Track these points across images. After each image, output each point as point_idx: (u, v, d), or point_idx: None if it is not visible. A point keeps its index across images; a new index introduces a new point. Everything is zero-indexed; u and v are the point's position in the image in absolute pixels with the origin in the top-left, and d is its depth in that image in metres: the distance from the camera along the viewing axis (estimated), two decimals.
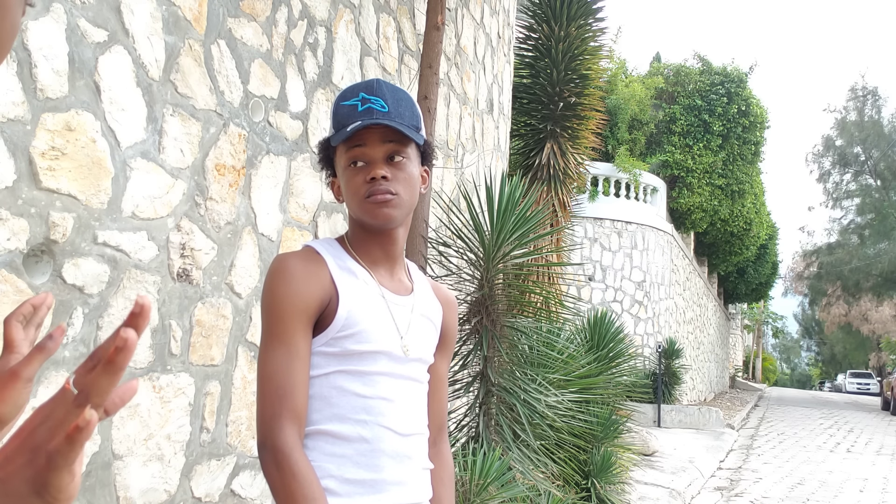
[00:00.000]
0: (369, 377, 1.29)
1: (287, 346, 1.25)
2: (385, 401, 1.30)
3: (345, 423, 1.28)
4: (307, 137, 3.50)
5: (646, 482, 7.01)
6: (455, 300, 1.57)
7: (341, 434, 1.27)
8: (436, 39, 4.02)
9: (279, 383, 1.24)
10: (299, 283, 1.27)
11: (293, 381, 1.24)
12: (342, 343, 1.29)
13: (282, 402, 1.23)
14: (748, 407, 20.53)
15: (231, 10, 2.91)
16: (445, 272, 4.63)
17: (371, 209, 1.32)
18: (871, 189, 28.50)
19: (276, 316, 1.27)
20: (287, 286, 1.27)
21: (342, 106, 1.34)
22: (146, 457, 2.51)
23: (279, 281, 1.28)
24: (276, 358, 1.25)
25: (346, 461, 1.27)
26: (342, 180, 1.36)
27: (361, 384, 1.29)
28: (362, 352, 1.29)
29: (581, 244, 14.14)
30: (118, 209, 2.37)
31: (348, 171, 1.34)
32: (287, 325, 1.26)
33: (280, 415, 1.22)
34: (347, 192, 1.35)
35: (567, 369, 4.94)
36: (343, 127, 1.32)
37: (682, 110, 18.49)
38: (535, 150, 8.87)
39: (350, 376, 1.29)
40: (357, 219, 1.37)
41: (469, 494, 3.39)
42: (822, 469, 9.61)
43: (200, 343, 2.78)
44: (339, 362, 1.29)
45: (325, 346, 1.29)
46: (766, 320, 50.35)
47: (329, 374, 1.29)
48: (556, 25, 8.66)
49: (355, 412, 1.28)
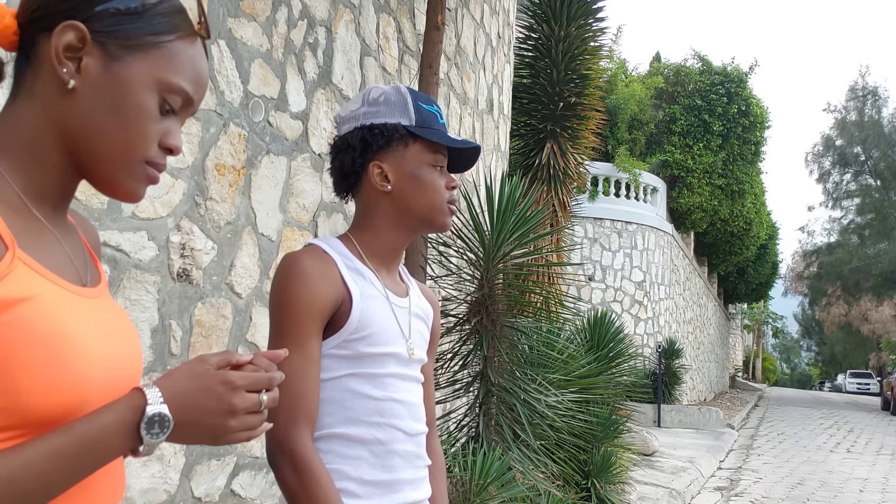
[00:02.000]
0: (380, 379, 1.30)
1: (301, 348, 1.24)
2: (396, 402, 1.31)
3: (359, 425, 1.28)
4: (307, 137, 3.50)
5: (646, 482, 7.01)
6: (437, 300, 1.58)
7: (356, 436, 1.28)
8: (436, 39, 4.02)
9: (294, 387, 1.23)
10: (315, 284, 1.26)
11: (308, 385, 1.24)
12: (354, 345, 1.28)
13: (298, 407, 1.22)
14: (748, 407, 20.53)
15: (231, 10, 2.92)
16: (445, 272, 4.63)
17: (445, 215, 1.36)
18: (871, 189, 28.51)
19: (290, 317, 1.25)
20: (304, 287, 1.25)
21: (423, 107, 1.35)
22: (146, 457, 2.51)
23: (294, 281, 1.26)
24: (290, 360, 1.22)
25: (362, 463, 1.28)
26: (417, 175, 1.34)
27: (373, 387, 1.29)
28: (374, 354, 1.29)
29: (581, 244, 14.14)
30: (118, 209, 2.37)
31: (432, 171, 1.34)
32: (302, 328, 1.24)
33: (296, 418, 1.22)
34: (423, 188, 1.34)
35: (567, 369, 4.94)
36: (431, 125, 1.34)
37: (682, 110, 18.50)
38: (535, 150, 8.86)
39: (362, 379, 1.29)
40: (413, 216, 1.35)
41: (469, 494, 3.39)
42: (822, 469, 9.61)
43: (200, 343, 2.78)
44: (351, 365, 1.29)
45: (336, 348, 1.28)
46: (766, 320, 50.35)
47: (341, 377, 1.28)
48: (556, 25, 8.65)
49: (368, 415, 1.28)
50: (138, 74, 0.81)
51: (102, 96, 0.80)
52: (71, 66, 0.79)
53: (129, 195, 0.84)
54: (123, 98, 0.81)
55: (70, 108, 0.80)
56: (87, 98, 0.80)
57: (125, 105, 0.81)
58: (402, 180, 1.33)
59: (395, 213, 1.35)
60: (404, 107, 1.34)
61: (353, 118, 1.36)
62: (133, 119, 0.81)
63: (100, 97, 0.80)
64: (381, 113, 1.34)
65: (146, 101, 0.82)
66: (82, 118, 0.80)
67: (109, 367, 0.80)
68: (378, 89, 1.37)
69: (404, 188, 1.33)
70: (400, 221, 1.36)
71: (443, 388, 4.37)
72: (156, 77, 0.82)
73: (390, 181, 1.34)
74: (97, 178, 0.83)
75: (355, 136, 1.34)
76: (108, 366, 0.79)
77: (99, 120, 0.80)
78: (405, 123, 1.33)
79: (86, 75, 0.79)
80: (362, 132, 1.33)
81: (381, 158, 1.34)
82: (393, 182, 1.34)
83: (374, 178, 1.34)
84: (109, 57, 0.80)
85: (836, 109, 29.86)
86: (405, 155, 1.33)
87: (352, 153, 1.34)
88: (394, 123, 1.33)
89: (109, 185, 0.83)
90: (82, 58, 0.79)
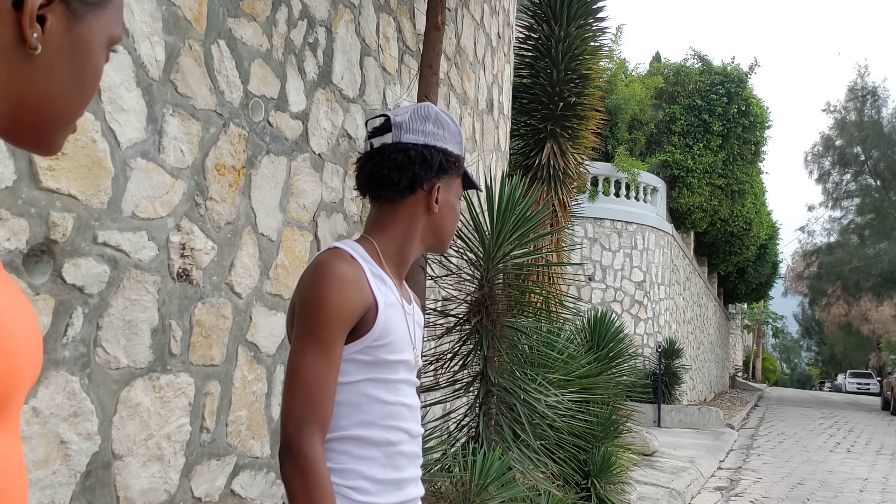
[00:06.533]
0: (393, 385, 1.37)
1: (327, 352, 1.30)
2: (405, 407, 1.39)
3: (372, 428, 1.35)
4: (307, 137, 3.50)
5: (646, 482, 7.01)
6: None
7: (369, 438, 1.34)
8: (436, 39, 4.02)
9: (313, 390, 1.28)
10: (349, 290, 1.31)
11: (327, 389, 1.30)
12: (376, 352, 1.35)
13: (314, 410, 1.28)
14: (748, 407, 20.53)
15: (231, 10, 2.91)
16: (445, 272, 4.63)
17: (450, 239, 1.53)
18: (871, 189, 28.48)
19: (322, 321, 1.30)
20: (338, 293, 1.30)
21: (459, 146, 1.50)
22: (146, 457, 2.51)
23: (330, 286, 1.31)
24: (314, 362, 1.29)
25: (374, 463, 1.35)
26: (454, 206, 1.49)
27: (386, 391, 1.36)
28: (390, 361, 1.36)
29: (581, 244, 14.14)
30: (118, 209, 2.37)
31: (457, 204, 1.50)
32: (332, 333, 1.30)
33: (311, 422, 1.27)
34: (454, 217, 1.49)
35: (567, 369, 4.94)
36: (462, 161, 1.49)
37: (682, 110, 18.49)
38: (535, 150, 8.86)
39: (377, 384, 1.36)
40: (437, 237, 1.49)
41: (469, 494, 3.39)
42: (822, 469, 9.61)
43: (200, 343, 2.78)
44: (369, 370, 1.35)
45: (358, 353, 1.34)
46: (766, 320, 50.34)
47: (358, 381, 1.35)
48: (556, 25, 8.65)
49: (381, 418, 1.35)
50: (97, 34, 0.74)
51: (64, 61, 0.72)
52: (38, 28, 0.70)
53: (55, 151, 0.77)
54: (86, 62, 0.74)
55: (26, 75, 0.70)
56: (45, 63, 0.71)
57: (86, 69, 0.74)
58: (445, 206, 1.46)
59: (426, 232, 1.47)
60: (461, 141, 1.49)
61: (418, 131, 1.42)
62: (90, 83, 0.75)
63: (60, 62, 0.72)
64: (447, 139, 1.45)
65: (101, 62, 0.76)
66: (39, 86, 0.71)
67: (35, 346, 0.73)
68: (439, 112, 1.46)
69: (444, 213, 1.46)
70: (425, 239, 1.48)
71: (443, 388, 4.37)
72: (109, 33, 0.76)
73: (438, 203, 1.45)
74: (29, 139, 0.74)
75: (436, 156, 1.42)
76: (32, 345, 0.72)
77: (58, 86, 0.72)
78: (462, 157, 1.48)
79: (49, 38, 0.70)
80: (441, 155, 1.43)
81: (441, 181, 1.44)
82: (440, 205, 1.45)
83: (433, 196, 1.44)
84: (73, 16, 0.72)
85: (836, 109, 29.84)
86: (452, 185, 1.47)
87: (429, 170, 1.42)
88: (458, 154, 1.47)
89: (40, 146, 0.75)
90: (47, 18, 0.70)
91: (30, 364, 0.69)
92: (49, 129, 0.74)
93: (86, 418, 2.25)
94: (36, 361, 0.71)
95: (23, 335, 0.69)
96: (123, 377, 2.40)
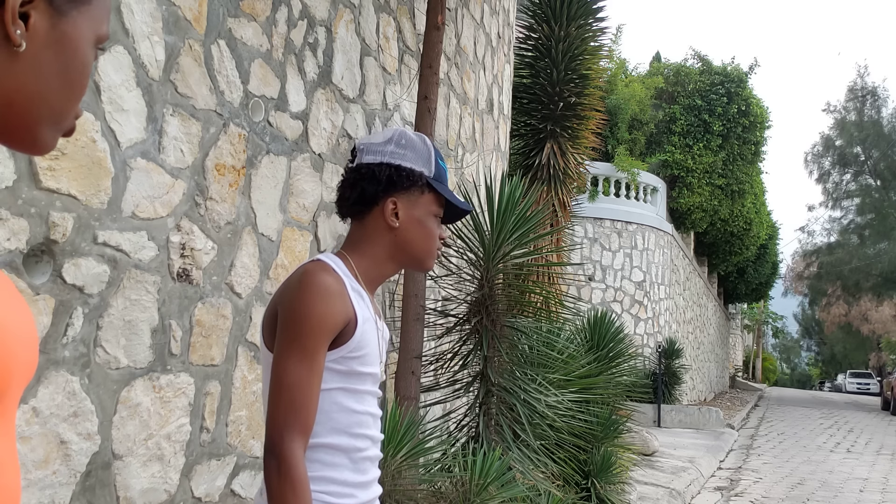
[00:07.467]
0: (360, 395, 1.44)
1: (311, 361, 1.35)
2: (370, 416, 1.46)
3: (341, 435, 1.41)
4: (307, 137, 3.50)
5: (646, 482, 7.01)
6: None
7: (339, 446, 1.41)
8: (436, 39, 4.02)
9: (296, 396, 1.34)
10: (334, 302, 1.37)
11: (310, 396, 1.35)
12: (350, 363, 1.41)
13: (296, 415, 1.33)
14: (748, 407, 20.53)
15: (231, 10, 2.91)
16: (445, 272, 4.63)
17: (432, 259, 1.55)
18: (871, 189, 28.48)
19: (307, 330, 1.34)
20: (324, 304, 1.36)
21: (440, 164, 1.52)
22: (146, 457, 2.51)
23: (316, 296, 1.36)
24: (299, 370, 1.34)
25: (344, 469, 1.42)
26: (423, 221, 1.50)
27: (355, 401, 1.43)
28: (362, 372, 1.43)
29: (581, 244, 14.14)
30: (118, 209, 2.37)
31: (434, 221, 1.52)
32: (316, 341, 1.35)
33: (293, 427, 1.32)
34: (425, 234, 1.50)
35: (567, 369, 4.94)
36: (443, 181, 1.52)
37: (681, 110, 18.49)
38: (535, 150, 8.86)
39: (348, 393, 1.42)
40: (408, 254, 1.51)
41: (469, 494, 3.39)
42: (823, 469, 9.61)
43: (200, 343, 2.78)
44: (342, 380, 1.41)
45: (334, 362, 1.40)
46: (766, 320, 50.33)
47: (331, 389, 1.40)
48: (556, 25, 8.65)
49: (350, 426, 1.42)
50: (84, 31, 0.74)
51: (50, 58, 0.72)
52: (22, 25, 0.69)
53: (46, 151, 0.76)
54: (72, 59, 0.73)
55: (12, 73, 0.70)
56: (31, 60, 0.70)
57: (73, 66, 0.73)
58: (409, 222, 1.49)
59: (393, 248, 1.50)
60: (428, 159, 1.50)
61: (378, 152, 1.49)
62: (79, 79, 0.74)
63: (46, 59, 0.71)
64: (407, 157, 1.48)
65: (90, 58, 0.75)
66: (26, 83, 0.71)
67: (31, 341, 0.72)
68: (406, 134, 1.51)
69: (409, 229, 1.49)
70: (394, 256, 1.51)
71: (443, 388, 4.37)
72: (95, 31, 0.75)
73: (399, 219, 1.48)
74: (18, 138, 0.73)
75: (384, 171, 1.47)
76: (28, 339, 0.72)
77: (44, 83, 0.72)
78: (426, 174, 1.49)
79: (33, 35, 0.70)
80: (390, 170, 1.47)
81: (397, 197, 1.48)
82: (401, 220, 1.48)
83: (387, 212, 1.47)
84: (57, 13, 0.71)
85: (836, 109, 29.83)
86: (419, 201, 1.49)
87: (376, 185, 1.47)
88: (419, 171, 1.49)
89: (31, 145, 0.75)
90: (30, 15, 0.70)
91: (25, 359, 0.69)
92: (38, 127, 0.73)
93: (86, 418, 2.25)
94: (32, 356, 0.71)
95: (17, 330, 0.68)
96: (123, 377, 2.40)
